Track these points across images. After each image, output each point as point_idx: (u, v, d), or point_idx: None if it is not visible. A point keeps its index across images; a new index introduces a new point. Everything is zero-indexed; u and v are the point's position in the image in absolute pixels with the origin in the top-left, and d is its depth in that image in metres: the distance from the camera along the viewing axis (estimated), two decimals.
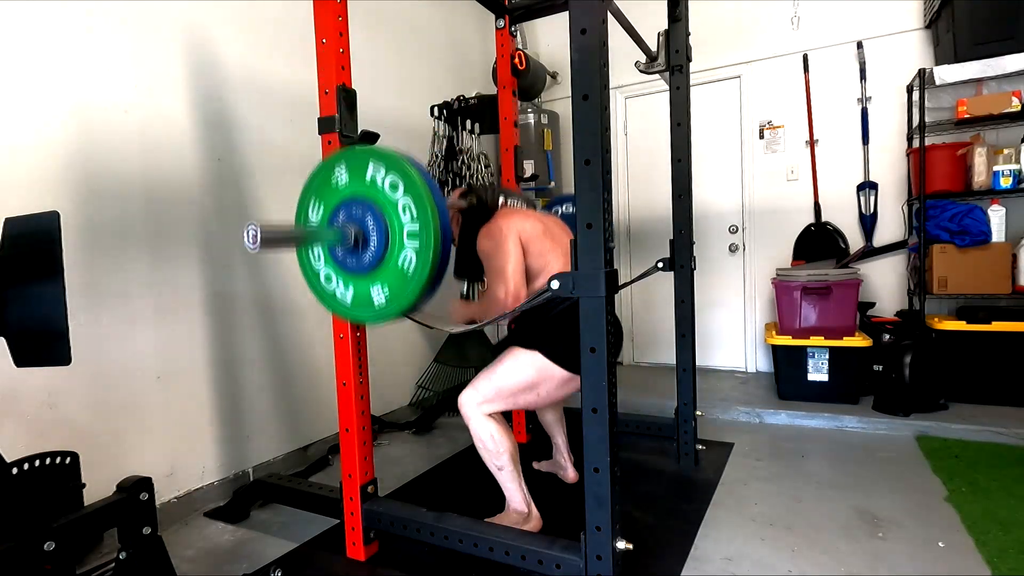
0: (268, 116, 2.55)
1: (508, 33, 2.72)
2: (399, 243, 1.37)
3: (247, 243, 1.16)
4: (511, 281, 1.77)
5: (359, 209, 1.40)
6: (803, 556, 1.76)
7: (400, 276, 1.38)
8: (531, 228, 1.87)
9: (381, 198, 1.38)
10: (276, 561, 1.85)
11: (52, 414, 1.82)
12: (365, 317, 1.48)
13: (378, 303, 1.43)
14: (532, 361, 1.82)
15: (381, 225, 1.38)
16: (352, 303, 1.47)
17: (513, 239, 1.82)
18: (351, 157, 1.43)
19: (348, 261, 1.44)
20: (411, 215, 1.34)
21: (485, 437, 1.84)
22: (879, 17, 3.51)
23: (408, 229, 1.35)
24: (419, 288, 1.35)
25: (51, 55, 1.85)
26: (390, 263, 1.39)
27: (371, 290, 1.43)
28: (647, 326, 4.38)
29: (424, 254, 1.33)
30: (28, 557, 1.18)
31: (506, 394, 1.85)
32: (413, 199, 1.33)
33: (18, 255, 1.19)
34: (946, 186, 3.16)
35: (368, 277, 1.43)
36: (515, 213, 1.94)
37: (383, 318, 1.45)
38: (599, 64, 1.32)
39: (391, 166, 1.35)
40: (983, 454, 2.50)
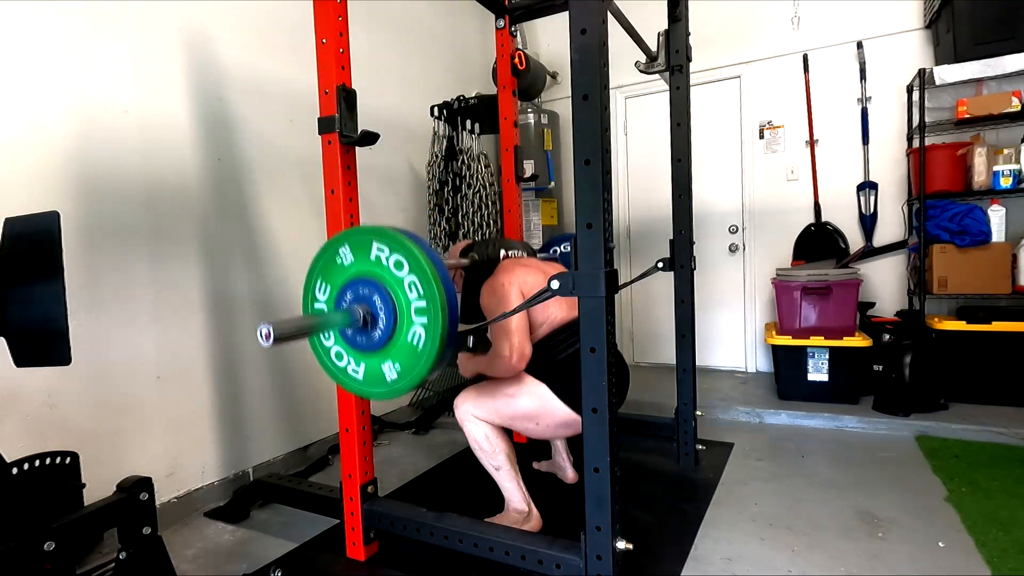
0: (268, 116, 2.55)
1: (508, 33, 2.72)
2: (408, 320, 1.38)
3: (261, 341, 1.19)
4: (515, 338, 1.77)
5: (366, 288, 1.42)
6: (803, 556, 1.76)
7: (411, 352, 1.39)
8: (532, 281, 1.87)
9: (387, 276, 1.39)
10: (276, 561, 1.85)
11: (52, 414, 1.82)
12: (378, 393, 1.49)
13: (390, 379, 1.44)
14: (537, 391, 1.82)
15: (389, 303, 1.39)
16: (364, 379, 1.49)
17: (515, 294, 1.82)
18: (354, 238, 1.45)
19: (358, 339, 1.45)
20: (418, 292, 1.35)
21: (480, 438, 1.85)
22: (879, 17, 3.51)
23: (416, 306, 1.36)
24: (430, 362, 1.36)
25: (51, 55, 1.85)
26: (400, 339, 1.40)
27: (382, 367, 1.44)
28: (647, 326, 4.38)
29: (433, 329, 1.34)
30: (28, 557, 1.18)
31: (505, 417, 1.86)
32: (419, 277, 1.34)
33: (18, 255, 1.19)
34: (946, 186, 3.16)
35: (379, 354, 1.44)
36: (517, 266, 1.94)
37: (396, 393, 1.46)
38: (599, 64, 1.32)
39: (395, 247, 1.37)
40: (983, 454, 2.50)
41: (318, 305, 1.51)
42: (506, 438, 1.87)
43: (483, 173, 3.30)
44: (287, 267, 2.63)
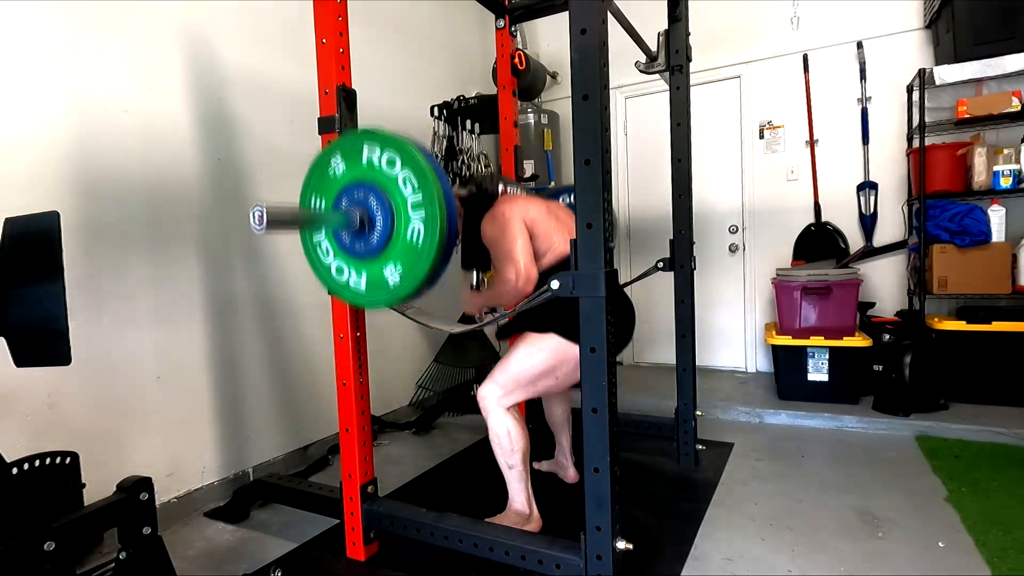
0: (268, 116, 2.55)
1: (508, 33, 2.72)
2: (405, 217, 1.36)
3: (253, 224, 1.16)
4: (520, 261, 1.77)
5: (361, 192, 1.40)
6: (803, 556, 1.76)
7: (411, 250, 1.37)
8: (535, 210, 1.87)
9: (380, 177, 1.37)
10: (276, 561, 1.85)
11: (52, 414, 1.82)
12: (382, 300, 1.46)
13: (393, 283, 1.41)
14: (547, 344, 1.81)
15: (385, 203, 1.37)
16: (367, 289, 1.46)
17: (518, 221, 1.81)
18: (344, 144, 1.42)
19: (357, 247, 1.43)
20: (412, 186, 1.33)
21: (502, 433, 1.83)
22: (879, 17, 3.51)
23: (412, 201, 1.34)
24: (431, 259, 1.34)
25: (51, 55, 1.84)
26: (399, 239, 1.38)
27: (384, 271, 1.42)
28: (647, 326, 4.38)
29: (432, 223, 1.32)
30: (28, 557, 1.18)
31: (525, 382, 1.84)
32: (412, 170, 1.32)
33: (18, 255, 1.19)
34: (946, 186, 3.16)
35: (379, 259, 1.41)
36: (516, 198, 1.94)
37: (401, 297, 1.43)
38: (599, 64, 1.32)
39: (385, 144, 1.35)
40: (983, 454, 2.50)
41: None
42: (526, 438, 1.86)
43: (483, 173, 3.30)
44: (287, 267, 2.63)
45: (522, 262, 1.77)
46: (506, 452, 1.84)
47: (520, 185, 2.10)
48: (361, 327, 1.80)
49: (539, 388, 1.88)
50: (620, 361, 4.44)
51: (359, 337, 1.79)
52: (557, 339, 1.79)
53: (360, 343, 1.79)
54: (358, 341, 1.78)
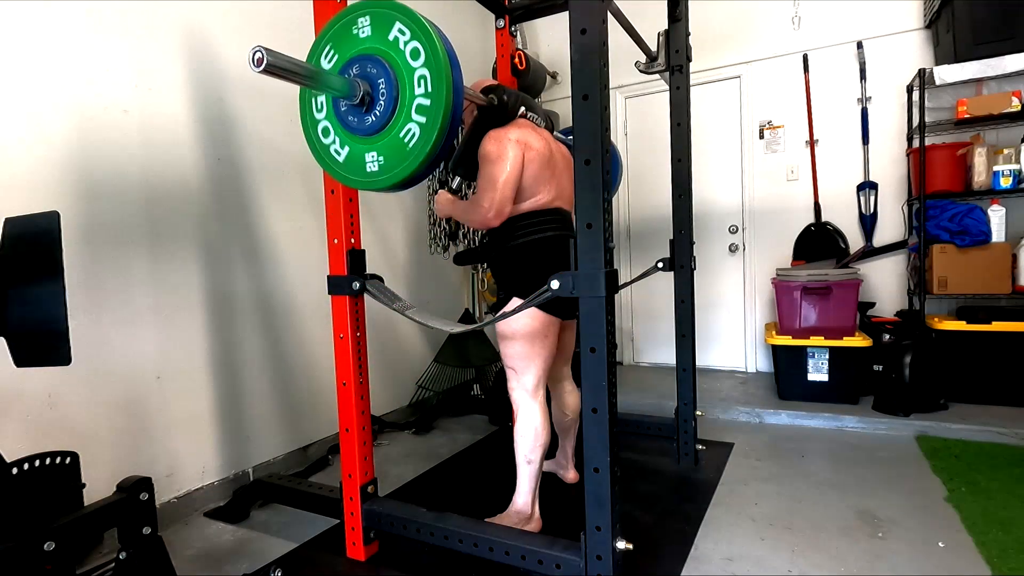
0: (268, 116, 2.55)
1: (508, 33, 2.72)
2: (406, 114, 1.31)
3: (251, 66, 1.11)
4: (499, 193, 1.75)
5: (374, 67, 1.32)
6: (803, 556, 1.76)
7: (399, 148, 1.32)
8: (537, 150, 1.84)
9: (400, 62, 1.30)
10: (276, 561, 1.85)
11: (52, 414, 1.82)
12: (354, 181, 1.42)
13: (370, 170, 1.37)
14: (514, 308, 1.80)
15: (393, 90, 1.30)
16: (344, 162, 1.42)
17: (516, 153, 1.78)
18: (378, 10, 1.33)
19: (350, 119, 1.38)
20: (425, 88, 1.27)
21: (530, 427, 1.86)
22: (879, 17, 3.51)
23: (419, 102, 1.28)
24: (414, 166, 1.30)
25: (51, 55, 1.84)
26: (392, 132, 1.33)
27: (366, 155, 1.37)
28: (647, 326, 4.38)
29: (428, 132, 1.27)
30: (28, 557, 1.18)
31: (524, 352, 1.87)
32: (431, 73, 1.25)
33: (18, 255, 1.19)
34: (946, 186, 3.16)
35: (366, 141, 1.37)
36: (529, 128, 1.90)
37: (371, 187, 1.40)
38: (599, 64, 1.32)
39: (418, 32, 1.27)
40: (983, 454, 2.50)
41: None
42: (549, 437, 1.89)
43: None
44: (287, 267, 2.63)
45: (499, 195, 1.75)
46: (531, 447, 1.86)
47: (541, 114, 2.04)
48: (361, 327, 1.80)
49: (541, 351, 1.89)
50: (620, 361, 4.44)
51: (359, 337, 1.79)
52: (519, 302, 1.81)
53: (360, 343, 1.79)
54: (358, 341, 1.78)
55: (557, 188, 1.92)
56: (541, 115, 2.03)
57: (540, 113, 2.03)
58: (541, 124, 2.01)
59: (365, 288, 1.73)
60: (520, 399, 1.90)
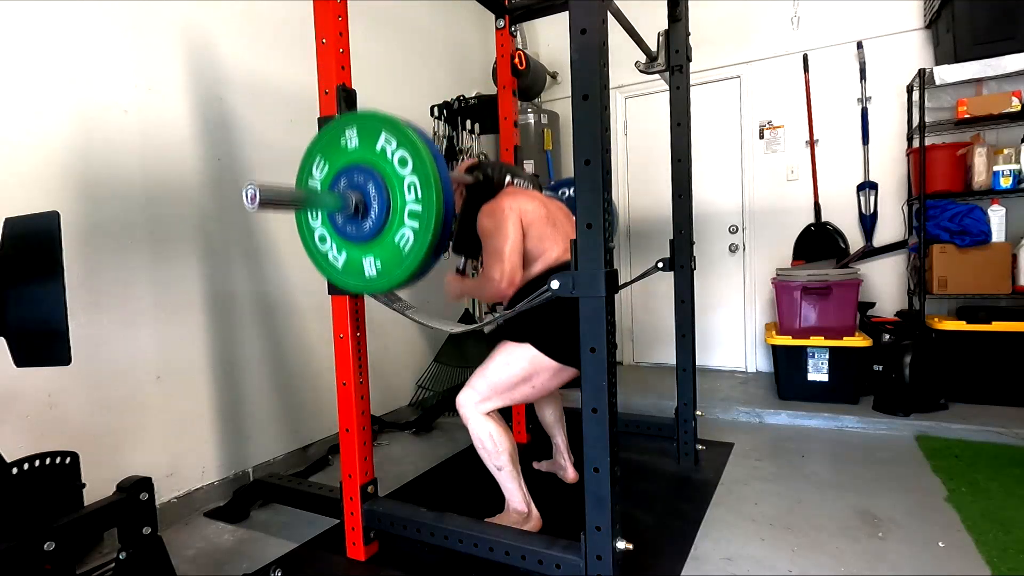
0: (268, 116, 2.55)
1: (508, 33, 2.72)
2: (399, 220, 1.34)
3: (246, 203, 1.13)
4: (507, 263, 1.76)
5: (363, 177, 1.37)
6: (803, 556, 1.76)
7: (395, 253, 1.35)
8: (533, 211, 1.85)
9: (388, 170, 1.35)
10: (276, 561, 1.85)
11: (52, 414, 1.82)
12: (353, 286, 1.45)
13: (368, 275, 1.40)
14: (523, 354, 1.81)
15: (384, 198, 1.35)
16: (343, 268, 1.45)
17: (514, 221, 1.80)
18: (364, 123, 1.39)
19: (346, 227, 1.41)
20: (416, 195, 1.31)
21: (484, 437, 1.83)
22: (879, 17, 3.51)
23: (410, 208, 1.32)
24: (412, 268, 1.33)
25: (51, 55, 1.84)
26: (387, 238, 1.36)
27: (363, 260, 1.40)
28: (647, 326, 4.38)
29: (422, 236, 1.30)
30: (28, 557, 1.18)
31: (502, 389, 1.84)
32: (420, 179, 1.30)
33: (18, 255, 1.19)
34: (946, 186, 3.16)
35: (363, 247, 1.40)
36: (519, 194, 1.92)
37: (371, 291, 1.43)
38: (599, 64, 1.32)
39: (403, 141, 1.32)
40: (983, 454, 2.50)
41: (312, 183, 1.47)
42: (510, 438, 1.86)
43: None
44: (287, 267, 2.63)
45: (508, 264, 1.76)
46: (492, 455, 1.84)
47: (526, 178, 2.07)
48: (361, 327, 1.80)
49: (516, 396, 1.88)
50: (620, 361, 4.44)
51: (359, 337, 1.79)
52: (533, 350, 1.80)
53: (360, 343, 1.79)
54: (358, 341, 1.78)
55: (564, 242, 1.91)
56: (526, 179, 2.07)
57: (525, 177, 2.06)
58: (529, 187, 2.04)
59: None
60: (468, 413, 1.85)
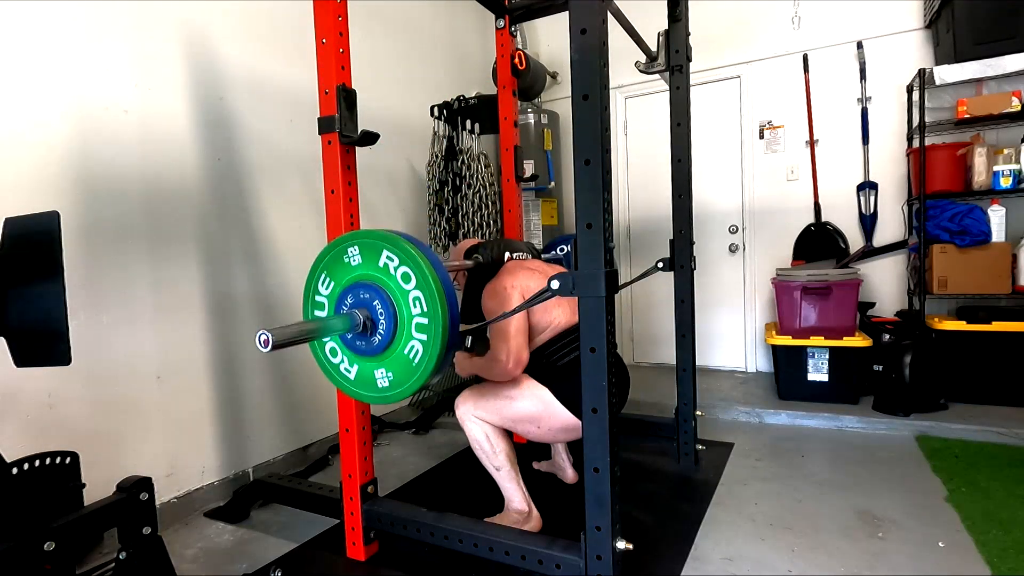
0: (268, 116, 2.55)
1: (508, 33, 2.72)
2: (407, 333, 1.38)
3: (259, 347, 1.18)
4: (512, 342, 1.77)
5: (370, 293, 1.41)
6: (803, 556, 1.76)
7: (406, 364, 1.39)
8: (535, 285, 1.85)
9: (393, 286, 1.39)
10: (276, 561, 1.85)
11: (52, 414, 1.82)
12: (367, 397, 1.49)
13: (381, 386, 1.44)
14: (539, 394, 1.83)
15: (391, 313, 1.38)
16: (356, 381, 1.48)
17: (517, 299, 1.82)
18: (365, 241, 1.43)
19: (355, 342, 1.45)
20: (421, 308, 1.34)
21: (480, 439, 1.84)
22: (879, 17, 3.51)
23: (417, 321, 1.35)
24: (424, 377, 1.36)
25: (51, 55, 1.85)
26: (396, 350, 1.40)
27: (375, 372, 1.44)
28: (647, 326, 4.38)
29: (431, 347, 1.34)
30: (28, 557, 1.18)
31: (506, 419, 1.86)
32: (425, 294, 1.34)
33: (18, 255, 1.19)
34: (946, 186, 3.16)
35: (374, 360, 1.43)
36: (520, 269, 1.94)
37: (385, 401, 1.46)
38: (599, 64, 1.32)
39: (404, 259, 1.36)
40: (983, 454, 2.50)
41: (319, 298, 1.50)
42: (507, 438, 1.87)
43: (483, 173, 3.30)
44: (287, 267, 2.63)
45: (514, 344, 1.77)
46: (489, 456, 1.85)
47: (524, 248, 2.10)
48: None
49: (518, 429, 1.89)
50: None
51: None
52: (550, 395, 1.81)
53: None
54: None
55: (570, 307, 1.93)
56: (524, 249, 2.09)
57: (523, 248, 2.08)
58: (527, 258, 2.06)
59: None
60: (464, 416, 1.88)
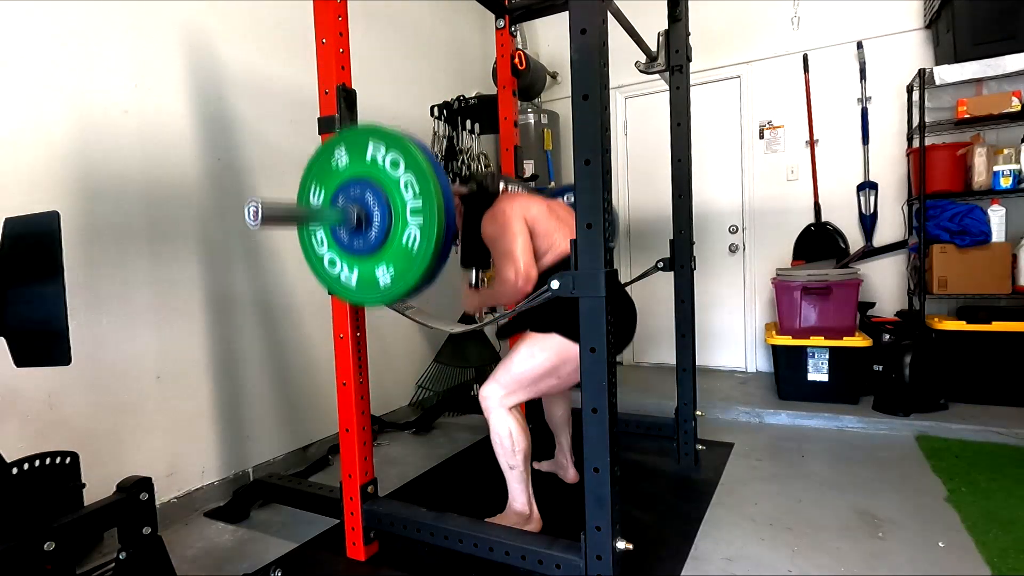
0: (268, 116, 2.55)
1: (508, 33, 2.72)
2: (403, 221, 1.36)
3: (248, 219, 1.15)
4: (520, 260, 1.76)
5: (360, 189, 1.39)
6: (803, 556, 1.76)
7: (405, 254, 1.37)
8: (535, 208, 1.86)
9: (382, 177, 1.37)
10: (276, 561, 1.85)
11: (52, 414, 1.82)
12: (371, 299, 1.47)
13: (383, 284, 1.42)
14: (550, 344, 1.80)
15: (384, 204, 1.37)
16: (357, 286, 1.46)
17: (518, 219, 1.80)
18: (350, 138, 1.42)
19: (351, 243, 1.43)
20: (413, 192, 1.32)
21: (504, 433, 1.83)
22: (879, 17, 3.51)
23: (411, 206, 1.34)
24: (424, 266, 1.34)
25: (51, 55, 1.84)
26: (394, 242, 1.38)
27: (376, 271, 1.42)
28: (647, 326, 4.37)
29: (428, 230, 1.32)
30: (28, 557, 1.18)
31: (527, 382, 1.83)
32: (415, 175, 1.31)
33: (18, 255, 1.19)
34: (946, 186, 3.16)
35: (372, 258, 1.41)
36: (518, 196, 1.93)
37: (389, 299, 1.44)
38: (599, 64, 1.32)
39: (391, 144, 1.34)
40: (983, 454, 2.50)
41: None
42: (528, 438, 1.85)
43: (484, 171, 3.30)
44: (287, 267, 2.63)
45: (522, 261, 1.76)
46: (507, 453, 1.83)
47: (521, 183, 2.09)
48: (361, 327, 1.80)
49: (542, 388, 1.87)
50: (620, 361, 4.44)
51: (359, 337, 1.79)
52: (559, 339, 1.79)
53: (360, 343, 1.79)
54: (358, 341, 1.78)
55: (570, 231, 1.90)
56: (520, 184, 2.08)
57: (519, 183, 2.07)
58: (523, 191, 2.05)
59: None
60: (491, 406, 1.84)
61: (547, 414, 2.37)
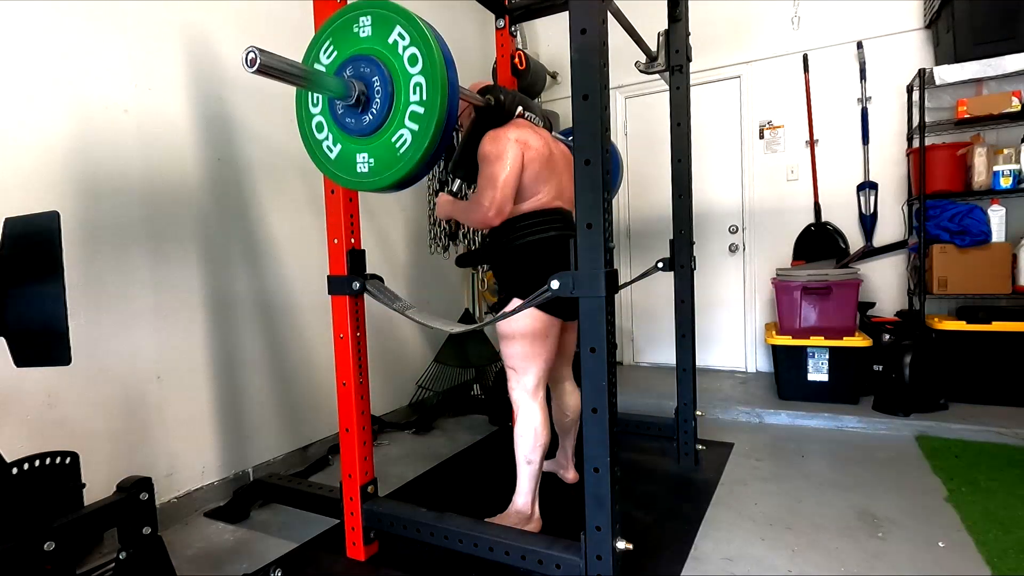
0: (268, 116, 2.55)
1: (508, 33, 2.72)
2: (399, 120, 1.31)
3: (244, 66, 1.10)
4: (499, 191, 1.75)
5: (371, 68, 1.33)
6: (803, 556, 1.76)
7: (389, 152, 1.33)
8: (537, 149, 1.84)
9: (397, 66, 1.31)
10: (276, 561, 1.85)
11: (52, 414, 1.82)
12: (342, 180, 1.43)
13: (360, 171, 1.38)
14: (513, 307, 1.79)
15: (388, 93, 1.31)
16: (335, 160, 1.43)
17: (515, 152, 1.78)
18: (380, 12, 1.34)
19: (345, 118, 1.38)
20: (420, 96, 1.27)
21: (530, 427, 1.86)
22: (879, 17, 3.51)
23: (413, 109, 1.29)
24: (404, 171, 1.31)
25: (51, 55, 1.84)
26: (384, 136, 1.34)
27: (357, 156, 1.38)
28: (647, 326, 4.38)
29: (420, 140, 1.28)
30: (28, 557, 1.18)
31: (525, 352, 1.87)
32: (428, 81, 1.26)
33: (18, 255, 1.19)
34: (946, 186, 3.16)
35: (358, 142, 1.38)
36: (528, 127, 1.90)
37: (359, 187, 1.41)
38: (599, 64, 1.32)
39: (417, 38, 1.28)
40: (983, 454, 2.50)
41: (318, 66, 1.43)
42: (548, 435, 1.90)
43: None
44: (287, 267, 2.63)
45: (500, 193, 1.75)
46: (530, 448, 1.86)
47: (539, 114, 2.03)
48: (361, 327, 1.80)
49: (542, 352, 1.88)
50: (620, 361, 4.44)
51: (359, 337, 1.79)
52: (519, 302, 1.80)
53: (360, 343, 1.79)
54: (358, 341, 1.78)
55: (558, 188, 1.92)
56: (539, 115, 2.02)
57: (538, 113, 2.02)
58: (540, 124, 2.01)
59: (365, 288, 1.73)
60: (520, 399, 1.90)
61: (556, 417, 2.34)
